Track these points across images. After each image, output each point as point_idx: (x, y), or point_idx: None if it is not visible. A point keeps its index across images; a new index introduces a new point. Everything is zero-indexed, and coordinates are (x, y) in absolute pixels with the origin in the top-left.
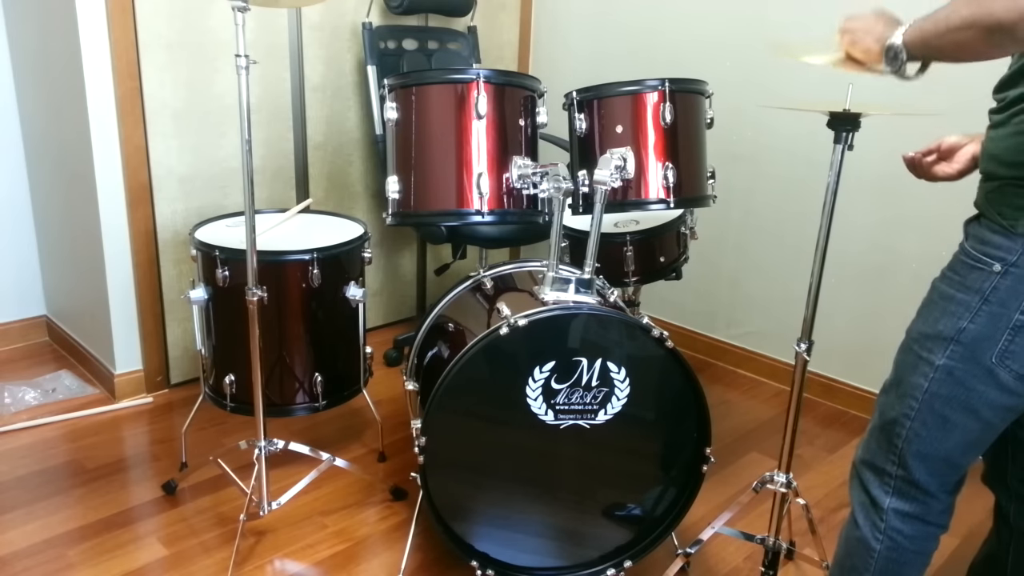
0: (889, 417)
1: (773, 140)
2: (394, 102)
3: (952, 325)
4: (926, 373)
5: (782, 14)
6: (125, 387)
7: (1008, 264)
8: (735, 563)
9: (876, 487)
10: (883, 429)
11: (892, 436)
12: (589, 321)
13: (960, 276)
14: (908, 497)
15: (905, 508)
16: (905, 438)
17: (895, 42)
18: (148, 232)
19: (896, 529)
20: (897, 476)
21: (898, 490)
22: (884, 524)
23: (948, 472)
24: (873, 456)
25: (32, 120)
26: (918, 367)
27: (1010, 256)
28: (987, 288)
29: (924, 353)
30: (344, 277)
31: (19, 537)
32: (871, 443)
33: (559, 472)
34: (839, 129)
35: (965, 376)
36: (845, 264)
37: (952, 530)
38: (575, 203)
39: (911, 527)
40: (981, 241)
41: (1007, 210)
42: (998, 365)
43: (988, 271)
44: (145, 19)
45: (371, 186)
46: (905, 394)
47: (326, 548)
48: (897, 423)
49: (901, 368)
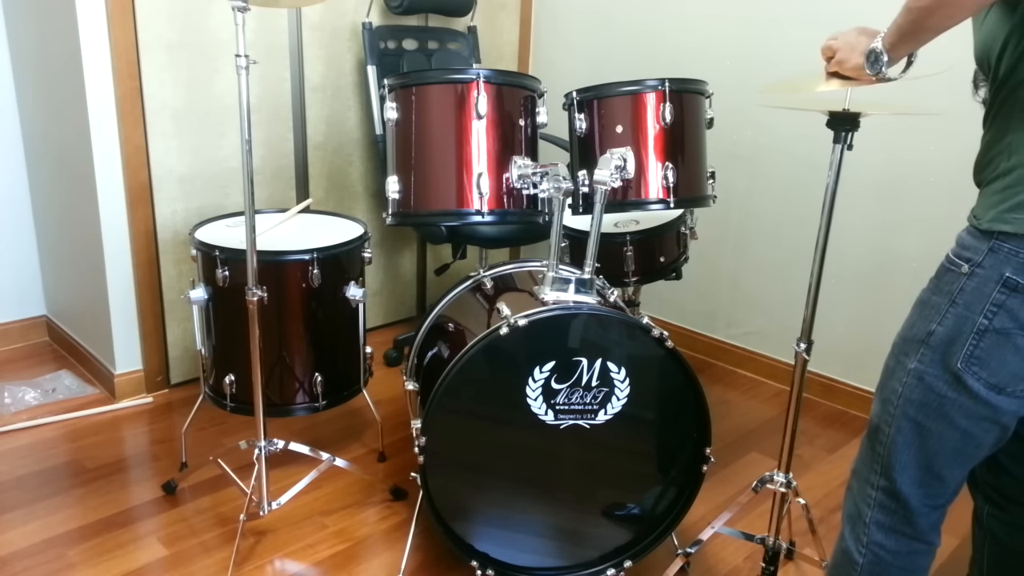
0: (873, 424)
1: (773, 140)
2: (394, 102)
3: (923, 328)
4: (900, 378)
5: (782, 14)
6: (125, 387)
7: (974, 265)
8: (735, 563)
9: (861, 498)
10: (869, 436)
11: (875, 443)
12: (589, 321)
13: (937, 280)
14: (888, 510)
15: (886, 521)
16: (886, 445)
17: (875, 46)
18: (148, 232)
19: (878, 543)
20: (879, 487)
21: (879, 502)
22: (867, 538)
23: (932, 484)
24: (861, 464)
25: (32, 120)
26: (895, 372)
27: (976, 256)
28: (955, 290)
29: (901, 357)
30: (344, 277)
31: (19, 537)
32: (861, 451)
33: (559, 472)
34: (838, 129)
35: (934, 381)
36: (845, 264)
37: (952, 530)
38: (575, 203)
39: (893, 542)
40: (959, 244)
41: (979, 209)
42: (964, 371)
43: (958, 272)
44: (145, 19)
45: (371, 186)
46: (885, 400)
47: (326, 548)
48: (879, 430)
49: (884, 374)
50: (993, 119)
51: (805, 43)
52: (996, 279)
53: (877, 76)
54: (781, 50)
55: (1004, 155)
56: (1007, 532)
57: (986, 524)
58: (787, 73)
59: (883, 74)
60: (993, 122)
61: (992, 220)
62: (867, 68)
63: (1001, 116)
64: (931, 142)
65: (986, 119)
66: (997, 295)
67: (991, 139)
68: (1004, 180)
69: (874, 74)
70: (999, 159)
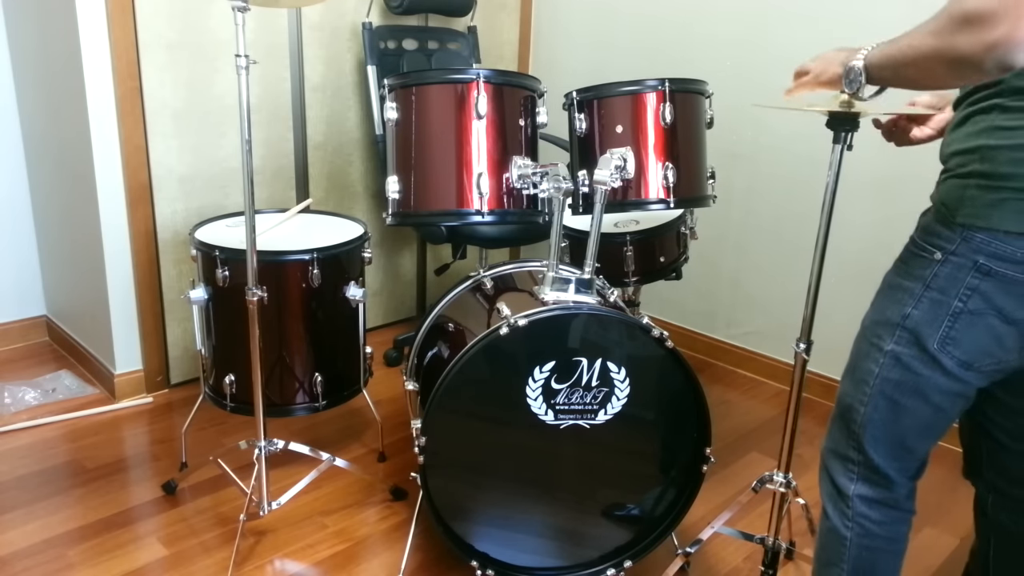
0: (845, 403)
1: (773, 140)
2: (394, 102)
3: (898, 312)
4: (876, 359)
5: (782, 13)
6: (125, 387)
7: (948, 252)
8: (735, 563)
9: (841, 475)
10: (842, 416)
11: (849, 422)
12: (589, 321)
13: (906, 264)
14: (871, 483)
15: (869, 494)
16: (860, 423)
17: (855, 64)
18: (148, 232)
19: (863, 515)
20: (859, 462)
21: (861, 476)
22: (851, 511)
23: (904, 456)
24: (836, 444)
25: (32, 120)
26: (870, 354)
27: (949, 245)
28: (928, 275)
29: (875, 340)
30: (344, 277)
31: (19, 537)
32: (833, 431)
33: (559, 472)
34: (838, 129)
35: (911, 361)
36: (845, 264)
37: (952, 530)
38: (575, 203)
39: (878, 512)
40: (926, 231)
41: (950, 200)
42: (940, 351)
43: (930, 259)
44: (145, 19)
45: (371, 186)
46: (859, 380)
47: (326, 548)
48: (853, 409)
49: (855, 356)
50: (972, 112)
51: (805, 43)
52: (970, 266)
53: (852, 94)
54: (781, 50)
55: (979, 153)
56: (1012, 520)
57: (990, 513)
58: (784, 77)
59: (858, 93)
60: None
61: (968, 216)
62: (844, 84)
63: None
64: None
65: (960, 103)
66: (971, 279)
67: (970, 132)
68: (982, 180)
69: (850, 92)
70: (975, 155)
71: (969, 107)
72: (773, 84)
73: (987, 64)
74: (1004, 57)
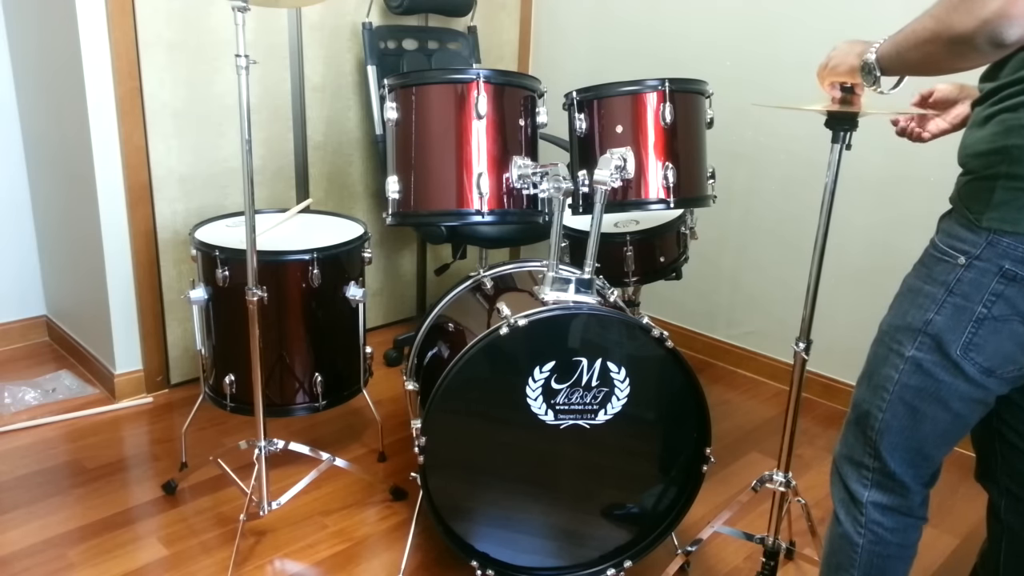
0: (863, 410)
1: (773, 140)
2: (394, 102)
3: (920, 317)
4: (896, 365)
5: (782, 13)
6: (125, 387)
7: (972, 257)
8: (735, 563)
9: (854, 481)
10: (858, 422)
11: (866, 428)
12: (589, 321)
13: (928, 269)
14: (886, 489)
15: (883, 500)
16: (878, 430)
17: (869, 58)
18: (148, 232)
19: (876, 522)
20: (874, 468)
21: (876, 483)
22: (864, 518)
23: (921, 464)
24: (850, 450)
25: (32, 120)
26: (889, 359)
27: (974, 250)
28: (951, 280)
29: (895, 345)
30: (344, 277)
31: (19, 537)
32: (848, 437)
33: (559, 472)
34: (837, 129)
35: (933, 367)
36: (844, 264)
37: (952, 530)
38: (575, 203)
39: (891, 519)
40: (949, 235)
41: (974, 204)
42: (963, 358)
43: (953, 263)
44: (145, 19)
45: (371, 186)
46: (877, 386)
47: (326, 548)
48: (870, 415)
49: (873, 361)
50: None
51: (805, 42)
52: (995, 271)
53: (871, 87)
54: (781, 49)
55: (1006, 154)
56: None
57: (1003, 518)
58: (784, 77)
59: (877, 85)
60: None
61: (994, 219)
62: (862, 78)
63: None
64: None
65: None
66: (996, 285)
67: (996, 131)
68: (1009, 182)
69: (869, 85)
70: (1002, 156)
71: (993, 105)
72: (773, 84)
73: (979, 39)
74: (995, 31)
